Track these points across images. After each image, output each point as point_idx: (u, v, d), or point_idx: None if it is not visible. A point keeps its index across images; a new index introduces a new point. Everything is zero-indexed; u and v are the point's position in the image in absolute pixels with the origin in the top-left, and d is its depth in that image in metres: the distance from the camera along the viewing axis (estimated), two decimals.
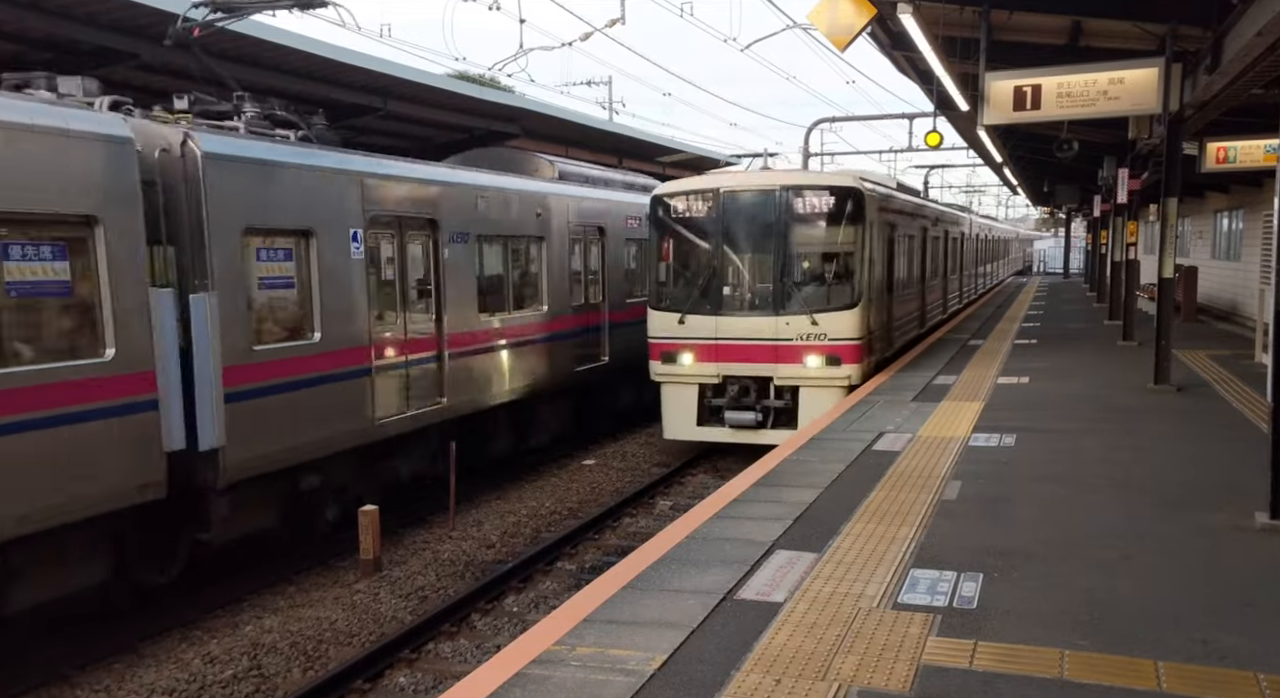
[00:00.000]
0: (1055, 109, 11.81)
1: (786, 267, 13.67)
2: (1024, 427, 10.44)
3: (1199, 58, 11.33)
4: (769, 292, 13.71)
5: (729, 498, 7.77)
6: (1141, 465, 8.68)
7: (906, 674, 4.55)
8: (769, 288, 13.75)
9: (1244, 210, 22.12)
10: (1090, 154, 20.48)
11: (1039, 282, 52.27)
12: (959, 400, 12.31)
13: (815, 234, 13.80)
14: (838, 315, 13.42)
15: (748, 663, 4.70)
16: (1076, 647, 4.82)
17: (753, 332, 13.58)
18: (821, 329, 13.34)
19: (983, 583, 5.74)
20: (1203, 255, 26.98)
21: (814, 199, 13.50)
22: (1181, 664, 4.61)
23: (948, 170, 52.83)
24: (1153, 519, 7.03)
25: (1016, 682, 4.45)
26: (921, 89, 16.84)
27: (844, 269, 13.71)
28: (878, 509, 7.36)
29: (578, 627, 5.18)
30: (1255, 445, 8.84)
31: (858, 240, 13.56)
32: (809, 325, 13.37)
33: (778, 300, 13.57)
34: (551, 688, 4.47)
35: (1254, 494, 7.21)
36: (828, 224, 13.67)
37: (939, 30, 11.04)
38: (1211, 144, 16.77)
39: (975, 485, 8.04)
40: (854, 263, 13.63)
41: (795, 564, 6.13)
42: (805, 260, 13.90)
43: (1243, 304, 21.87)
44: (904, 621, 5.19)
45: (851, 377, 13.47)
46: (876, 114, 49.64)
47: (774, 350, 13.54)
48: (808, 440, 9.97)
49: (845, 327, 13.39)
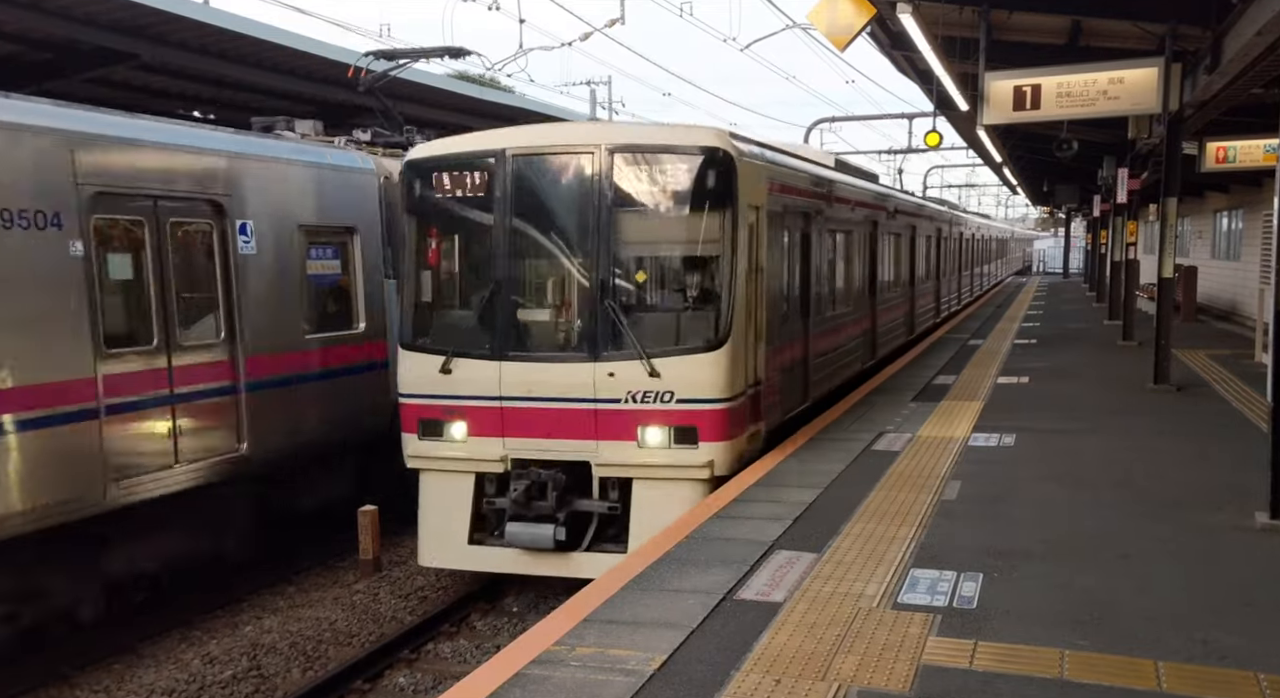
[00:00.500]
0: (1055, 109, 11.81)
1: (609, 280, 8.41)
2: (1024, 427, 10.44)
3: (1199, 57, 11.32)
4: (583, 322, 8.52)
5: (729, 498, 7.77)
6: (1141, 465, 8.68)
7: (906, 674, 4.55)
8: (584, 316, 8.53)
9: (1243, 210, 22.13)
10: (1090, 154, 20.47)
11: (1038, 282, 52.27)
12: (958, 400, 12.30)
13: (657, 226, 8.61)
14: (692, 362, 8.27)
15: (747, 663, 4.70)
16: (1076, 647, 4.82)
17: (557, 387, 8.44)
18: (666, 384, 8.26)
19: (983, 583, 5.74)
20: (1202, 255, 26.99)
21: (652, 168, 8.39)
22: (1182, 664, 4.61)
23: (948, 170, 52.76)
24: (1153, 519, 7.03)
25: (1016, 682, 4.45)
26: (921, 89, 16.84)
27: (706, 283, 8.58)
28: (877, 509, 7.36)
29: (577, 627, 5.18)
30: (1255, 445, 8.83)
31: (725, 236, 8.36)
32: (646, 378, 8.25)
33: (597, 336, 8.37)
34: (551, 688, 4.47)
35: (1254, 494, 7.21)
36: (676, 209, 8.49)
37: (938, 30, 11.04)
38: (1211, 144, 16.78)
39: (975, 485, 8.04)
40: (721, 273, 8.43)
41: (795, 564, 6.13)
42: (641, 269, 8.78)
43: (1242, 304, 21.88)
44: (904, 620, 5.19)
45: (715, 463, 8.31)
46: (876, 114, 49.70)
47: (592, 418, 8.39)
48: (807, 440, 9.97)
49: (704, 380, 8.27)
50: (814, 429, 10.57)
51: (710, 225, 8.38)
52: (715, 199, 8.35)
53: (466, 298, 9.23)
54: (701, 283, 8.60)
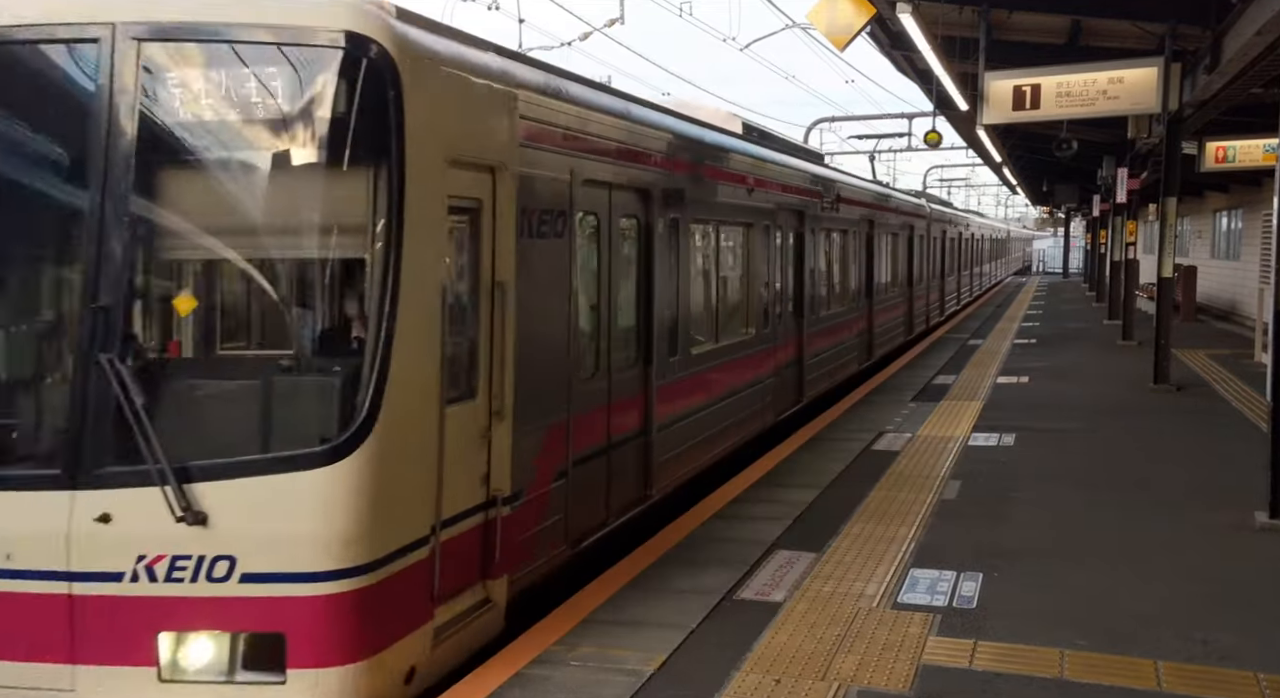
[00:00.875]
0: (1054, 108, 11.82)
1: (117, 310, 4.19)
2: (1023, 426, 10.43)
3: (1198, 57, 11.33)
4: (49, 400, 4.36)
5: (728, 498, 7.77)
6: (1141, 465, 8.68)
7: (906, 674, 4.54)
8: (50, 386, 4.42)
9: (1243, 210, 22.15)
10: (1089, 153, 20.48)
11: (1038, 281, 52.28)
12: (958, 400, 12.30)
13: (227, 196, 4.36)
14: (277, 488, 4.06)
15: (747, 663, 4.70)
16: (1076, 646, 4.81)
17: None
18: (220, 540, 4.04)
19: (982, 583, 5.74)
20: (1202, 255, 27.01)
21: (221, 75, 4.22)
22: (1181, 664, 4.61)
23: (948, 169, 52.75)
24: (1152, 519, 7.03)
25: (1016, 681, 4.45)
26: (921, 89, 16.85)
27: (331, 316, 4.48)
28: (877, 509, 7.36)
29: (578, 627, 5.17)
30: (1254, 445, 8.83)
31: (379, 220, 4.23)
32: (175, 528, 4.00)
33: (81, 432, 4.12)
34: (552, 688, 4.47)
35: (1253, 494, 7.20)
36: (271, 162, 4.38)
37: (938, 30, 11.05)
38: (1211, 143, 16.80)
39: (975, 485, 8.03)
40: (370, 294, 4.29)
41: (795, 564, 6.13)
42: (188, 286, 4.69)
43: (1242, 304, 21.89)
44: (904, 620, 5.18)
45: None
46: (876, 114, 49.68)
47: (65, 614, 4.04)
48: (806, 440, 9.97)
49: (303, 529, 4.04)
50: (814, 429, 10.56)
51: (340, 199, 4.34)
52: (357, 143, 4.23)
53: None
54: (324, 314, 4.45)
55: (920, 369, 15.41)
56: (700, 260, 8.55)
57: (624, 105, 7.09)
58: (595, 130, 6.27)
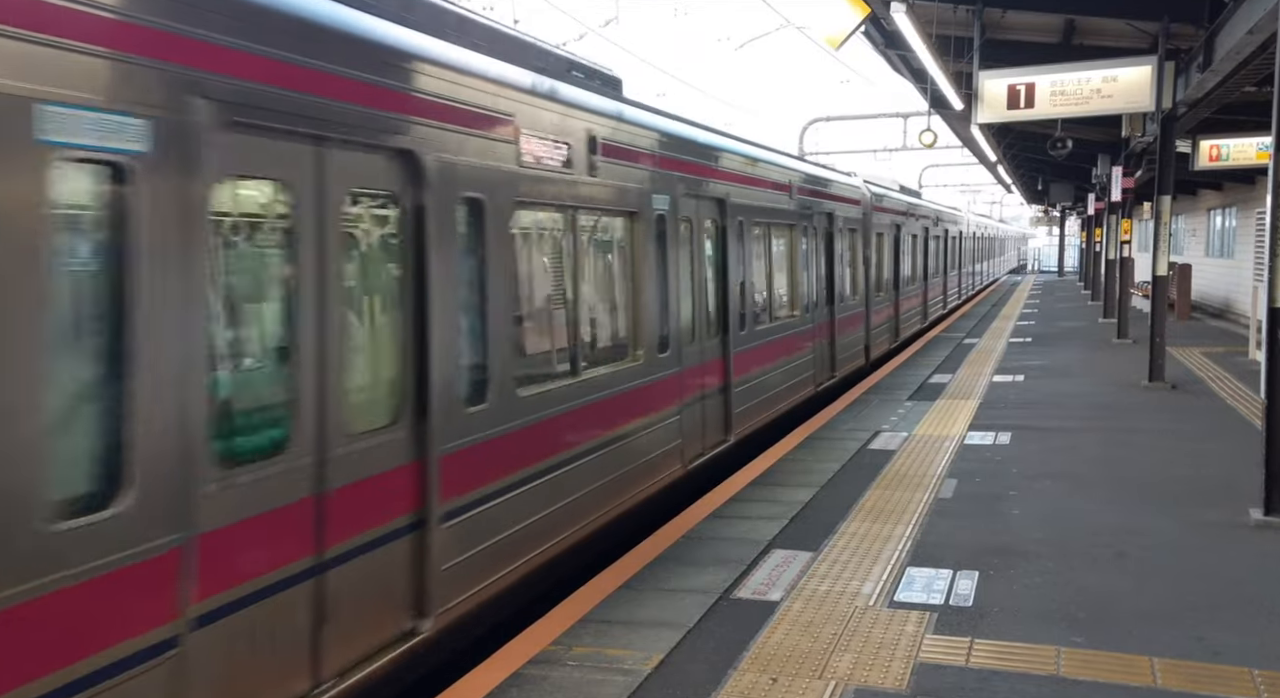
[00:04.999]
0: (1049, 108, 11.84)
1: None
2: (1019, 425, 10.46)
3: (1191, 56, 11.36)
4: None
5: (725, 497, 7.78)
6: (1136, 463, 8.70)
7: (903, 672, 4.56)
8: None
9: (1237, 208, 22.21)
10: (1084, 152, 20.52)
11: (1033, 280, 52.36)
12: (954, 399, 12.32)
13: None
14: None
15: (744, 662, 4.71)
16: (1072, 644, 4.83)
17: None
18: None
19: (978, 581, 5.75)
20: (1196, 253, 27.07)
21: None
22: (1177, 661, 4.62)
23: (944, 169, 52.84)
24: (1148, 516, 7.05)
25: (1013, 679, 4.46)
26: (916, 88, 16.87)
27: None
28: (874, 508, 7.37)
29: (574, 627, 5.18)
30: (1249, 442, 8.85)
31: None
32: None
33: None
34: (549, 688, 4.47)
35: (1248, 491, 7.23)
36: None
37: (933, 29, 11.07)
38: (1204, 142, 16.84)
39: (971, 484, 8.05)
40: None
41: (791, 563, 6.14)
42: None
43: (1236, 301, 21.94)
44: (900, 619, 5.20)
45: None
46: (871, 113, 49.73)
47: None
48: (804, 440, 9.98)
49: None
50: (810, 428, 10.57)
51: None
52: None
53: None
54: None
55: (916, 368, 15.44)
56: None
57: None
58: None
